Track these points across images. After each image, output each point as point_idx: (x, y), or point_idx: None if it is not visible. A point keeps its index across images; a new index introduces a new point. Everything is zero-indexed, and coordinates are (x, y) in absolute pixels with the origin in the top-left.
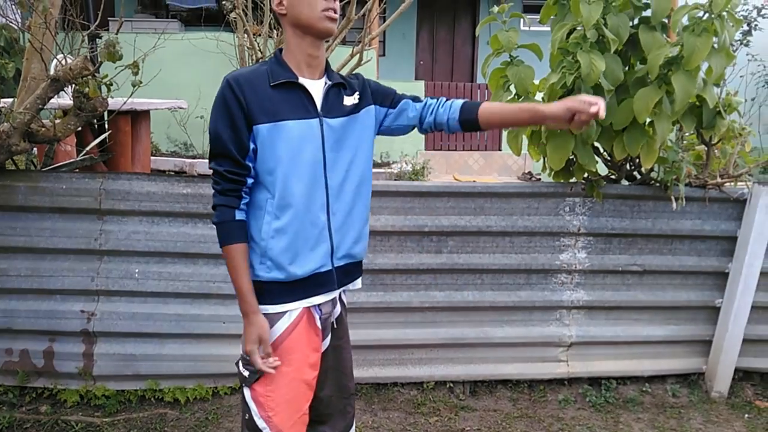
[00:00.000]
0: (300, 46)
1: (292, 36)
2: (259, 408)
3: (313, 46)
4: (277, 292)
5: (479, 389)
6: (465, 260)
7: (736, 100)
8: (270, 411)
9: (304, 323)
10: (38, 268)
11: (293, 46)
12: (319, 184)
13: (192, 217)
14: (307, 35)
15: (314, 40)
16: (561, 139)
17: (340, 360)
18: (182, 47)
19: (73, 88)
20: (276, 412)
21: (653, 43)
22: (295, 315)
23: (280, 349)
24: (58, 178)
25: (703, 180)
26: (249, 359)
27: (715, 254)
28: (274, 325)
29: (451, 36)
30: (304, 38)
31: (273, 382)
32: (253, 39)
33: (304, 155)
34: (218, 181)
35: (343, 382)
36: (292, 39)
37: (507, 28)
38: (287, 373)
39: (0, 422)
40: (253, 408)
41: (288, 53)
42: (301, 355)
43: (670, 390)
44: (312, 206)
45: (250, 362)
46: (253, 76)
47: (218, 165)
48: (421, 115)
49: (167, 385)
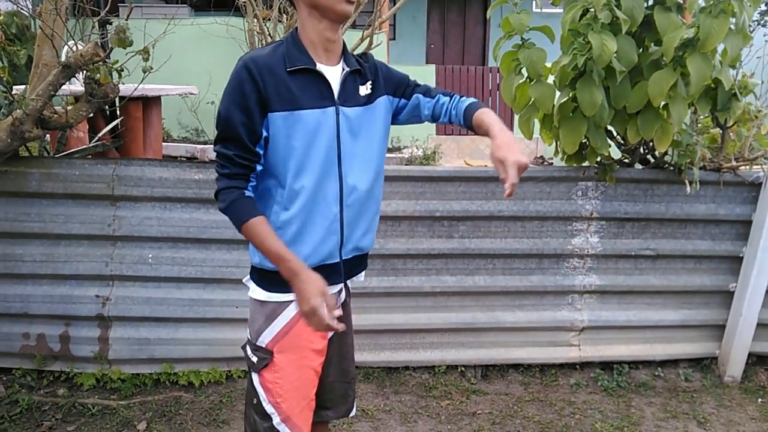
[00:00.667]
0: (316, 29)
1: (307, 18)
2: (267, 394)
3: (330, 30)
4: (284, 281)
5: (491, 373)
6: (476, 245)
7: (752, 82)
8: (278, 397)
9: None
10: (53, 253)
11: (309, 28)
12: (332, 175)
13: (204, 203)
14: (324, 18)
15: (331, 23)
16: (574, 123)
17: (342, 345)
18: (192, 33)
19: (85, 75)
20: (285, 398)
21: (668, 24)
22: None
23: (287, 337)
24: (71, 165)
25: (718, 163)
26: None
27: (730, 238)
28: (281, 313)
29: (462, 19)
30: (321, 21)
31: (281, 369)
32: (262, 23)
33: (318, 146)
34: (225, 164)
35: (345, 367)
36: (308, 21)
37: (518, 10)
38: (295, 360)
39: (19, 404)
40: (261, 393)
41: (304, 35)
42: (308, 342)
43: (682, 374)
44: (324, 198)
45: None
46: (270, 60)
47: (226, 148)
48: (434, 113)
49: (182, 369)
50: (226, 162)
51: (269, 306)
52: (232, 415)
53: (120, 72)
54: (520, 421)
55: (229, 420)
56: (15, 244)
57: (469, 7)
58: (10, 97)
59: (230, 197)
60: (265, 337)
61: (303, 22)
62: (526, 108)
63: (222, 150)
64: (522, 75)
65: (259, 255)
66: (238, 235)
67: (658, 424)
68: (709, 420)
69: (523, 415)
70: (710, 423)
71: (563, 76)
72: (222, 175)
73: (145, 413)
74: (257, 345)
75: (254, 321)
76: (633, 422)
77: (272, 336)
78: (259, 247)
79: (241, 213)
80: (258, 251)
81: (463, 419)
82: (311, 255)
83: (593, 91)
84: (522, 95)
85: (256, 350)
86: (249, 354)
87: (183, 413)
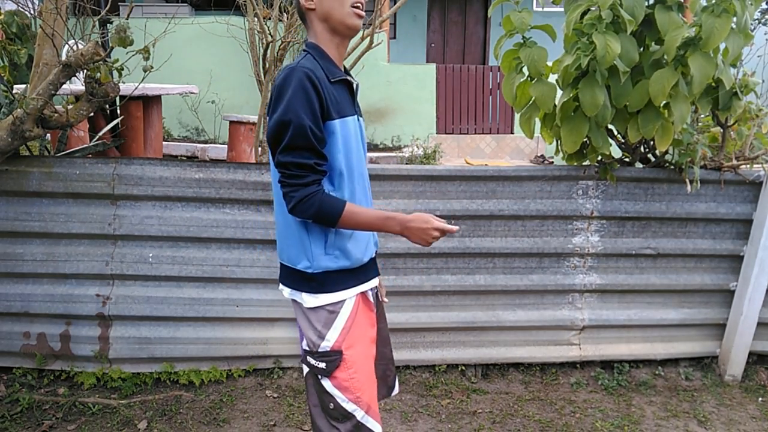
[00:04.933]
0: (332, 42)
1: (322, 32)
2: (345, 393)
3: (342, 43)
4: (342, 279)
5: (491, 372)
6: (477, 244)
7: (753, 80)
8: (357, 391)
9: (362, 303)
10: (53, 252)
11: (326, 41)
12: (364, 177)
13: (204, 202)
14: (336, 34)
15: (343, 38)
16: (576, 122)
17: (379, 330)
18: (192, 32)
19: (85, 74)
20: (363, 390)
21: (669, 23)
22: (355, 298)
23: (351, 332)
24: (72, 164)
25: (719, 162)
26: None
27: (730, 237)
28: (339, 312)
29: (463, 17)
30: (334, 35)
31: (354, 364)
32: (263, 23)
33: (357, 150)
34: (303, 174)
35: (381, 349)
36: (323, 35)
37: (520, 9)
38: (361, 351)
39: (20, 403)
40: (338, 395)
41: (325, 48)
42: (366, 332)
43: (683, 373)
44: (363, 197)
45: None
46: (319, 71)
47: (303, 158)
48: None
49: (182, 368)
50: (303, 171)
51: (323, 312)
52: (233, 414)
53: (120, 71)
54: (521, 420)
55: (229, 419)
56: (16, 243)
57: (469, 6)
58: (11, 96)
59: (316, 201)
60: (329, 341)
61: (317, 35)
62: (527, 107)
63: (298, 160)
64: (523, 74)
65: (312, 258)
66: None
67: (659, 423)
68: (710, 419)
69: (524, 414)
70: (711, 422)
71: (566, 76)
72: (300, 185)
73: (146, 412)
74: (321, 351)
75: (311, 329)
76: (633, 421)
77: (337, 336)
78: (362, 225)
79: (334, 207)
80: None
81: (463, 418)
82: (366, 251)
83: (595, 92)
84: (523, 94)
85: (321, 357)
86: (314, 364)
87: (183, 412)
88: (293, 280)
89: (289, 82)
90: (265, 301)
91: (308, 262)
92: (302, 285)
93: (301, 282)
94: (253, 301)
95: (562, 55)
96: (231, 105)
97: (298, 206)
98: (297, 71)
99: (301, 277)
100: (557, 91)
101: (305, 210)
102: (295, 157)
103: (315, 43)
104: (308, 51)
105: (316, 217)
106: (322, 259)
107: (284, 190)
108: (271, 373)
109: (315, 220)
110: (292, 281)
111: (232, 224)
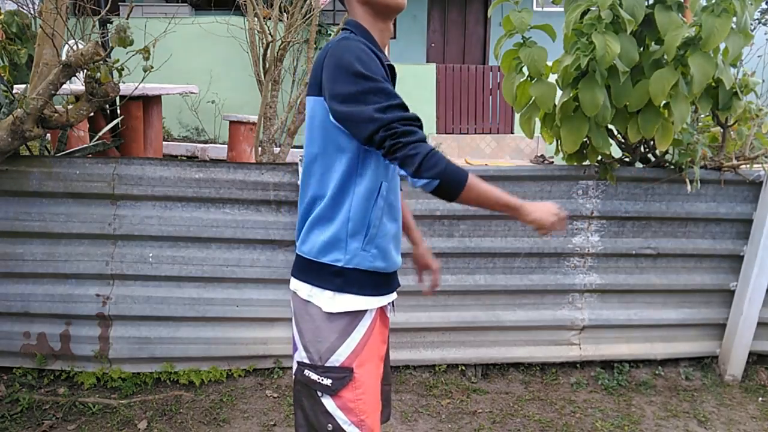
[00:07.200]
0: (376, 26)
1: (364, 15)
2: (348, 414)
3: (386, 28)
4: (370, 283)
5: (491, 372)
6: (476, 244)
7: (753, 80)
8: (362, 414)
9: (379, 318)
10: (53, 252)
11: (368, 25)
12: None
13: (204, 202)
14: (378, 18)
15: (386, 20)
16: (576, 122)
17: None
18: (193, 32)
19: (85, 74)
20: (368, 413)
21: (669, 23)
22: (375, 310)
23: (366, 349)
24: (72, 164)
25: (719, 162)
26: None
27: (730, 237)
28: (358, 324)
29: (463, 17)
30: (377, 19)
31: (363, 384)
32: (263, 23)
33: None
34: (415, 128)
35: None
36: (366, 18)
37: (519, 9)
38: (372, 371)
39: (20, 403)
40: (340, 416)
41: (370, 32)
42: (379, 349)
43: (683, 373)
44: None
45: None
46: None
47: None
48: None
49: (182, 368)
50: (414, 125)
51: (343, 320)
52: (233, 414)
53: (120, 71)
54: (521, 420)
55: (229, 419)
56: (16, 243)
57: (469, 6)
58: (11, 96)
59: (441, 156)
60: (340, 355)
61: (360, 18)
62: (527, 107)
63: (401, 114)
64: (523, 73)
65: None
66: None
67: (659, 423)
68: (710, 419)
69: (524, 414)
70: (711, 422)
71: (566, 76)
72: (417, 141)
73: (146, 412)
74: (329, 366)
75: (322, 340)
76: (633, 421)
77: (350, 352)
78: (484, 202)
79: (459, 170)
80: (479, 203)
81: (463, 418)
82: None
83: (595, 92)
84: (523, 94)
85: (327, 372)
86: (316, 378)
87: (183, 412)
88: (314, 275)
89: (351, 50)
90: (265, 301)
91: (341, 254)
92: (325, 281)
93: (326, 277)
94: (253, 301)
95: (561, 55)
96: (231, 105)
97: (425, 163)
98: (352, 40)
99: (327, 271)
100: (557, 91)
101: (434, 165)
102: (398, 112)
103: (359, 22)
104: (351, 29)
105: (444, 175)
106: (357, 255)
107: (400, 154)
108: (271, 373)
109: (443, 180)
110: (312, 276)
111: (232, 224)
